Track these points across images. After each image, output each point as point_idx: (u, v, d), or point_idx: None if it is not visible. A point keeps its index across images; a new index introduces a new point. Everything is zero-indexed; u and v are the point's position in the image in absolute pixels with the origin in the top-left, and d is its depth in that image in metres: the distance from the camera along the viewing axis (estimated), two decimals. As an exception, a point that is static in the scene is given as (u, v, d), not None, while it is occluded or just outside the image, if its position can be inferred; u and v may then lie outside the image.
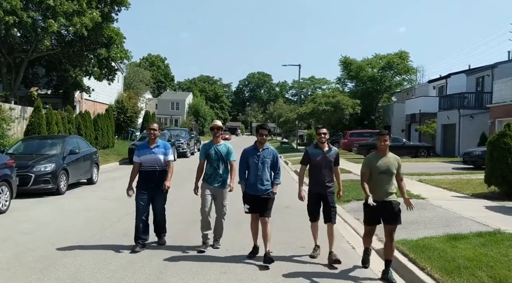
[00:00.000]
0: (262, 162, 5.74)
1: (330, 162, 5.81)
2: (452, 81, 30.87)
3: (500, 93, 21.34)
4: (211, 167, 6.21)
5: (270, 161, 5.81)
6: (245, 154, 5.85)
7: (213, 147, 6.22)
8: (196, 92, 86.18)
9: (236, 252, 6.11)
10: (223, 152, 6.21)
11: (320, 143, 5.84)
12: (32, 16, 18.84)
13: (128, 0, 22.82)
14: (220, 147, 6.24)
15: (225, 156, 6.22)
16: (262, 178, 5.72)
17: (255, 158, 5.74)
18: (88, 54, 23.64)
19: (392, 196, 5.19)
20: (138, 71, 51.90)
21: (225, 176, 6.25)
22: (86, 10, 20.24)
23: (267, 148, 5.84)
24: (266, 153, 5.81)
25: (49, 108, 19.28)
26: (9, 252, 6.02)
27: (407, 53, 41.15)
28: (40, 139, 13.85)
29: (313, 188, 5.86)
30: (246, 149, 5.89)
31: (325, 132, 5.84)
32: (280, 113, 67.38)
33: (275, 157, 5.91)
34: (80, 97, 29.27)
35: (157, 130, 6.37)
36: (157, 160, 6.35)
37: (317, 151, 5.84)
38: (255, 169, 5.73)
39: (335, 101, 34.23)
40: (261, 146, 5.81)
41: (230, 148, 6.31)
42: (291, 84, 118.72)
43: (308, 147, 5.82)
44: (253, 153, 5.79)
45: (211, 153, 6.19)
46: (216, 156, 6.17)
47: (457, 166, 18.42)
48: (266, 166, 5.76)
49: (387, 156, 5.24)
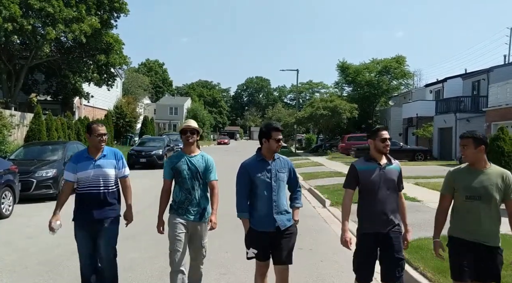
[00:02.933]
0: (276, 179, 3.83)
1: (391, 181, 3.74)
2: (449, 85, 31.14)
3: (496, 97, 21.58)
4: (181, 191, 4.20)
5: (286, 176, 3.91)
6: (248, 171, 3.85)
7: (184, 159, 4.21)
8: (194, 97, 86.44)
9: (235, 253, 6.23)
10: (199, 166, 4.21)
11: (376, 153, 3.77)
12: (32, 23, 19.06)
13: (127, 7, 23.07)
14: (195, 160, 4.23)
15: (203, 173, 4.23)
16: (278, 203, 3.81)
17: (265, 174, 3.81)
18: (87, 60, 23.87)
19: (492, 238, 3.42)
20: (136, 76, 52.13)
21: (204, 203, 4.27)
22: (85, 17, 20.46)
23: (278, 157, 3.95)
24: (280, 165, 3.90)
25: (49, 114, 19.45)
26: (14, 255, 6.17)
27: (404, 57, 41.47)
28: (41, 145, 14.01)
29: (366, 225, 3.73)
30: (247, 163, 3.92)
31: (390, 137, 3.82)
32: (279, 118, 67.54)
33: (291, 168, 4.00)
34: (79, 103, 29.45)
35: (106, 135, 4.29)
36: (105, 177, 4.20)
37: (370, 165, 3.75)
38: (268, 191, 3.80)
39: (333, 106, 34.48)
40: (271, 156, 3.89)
41: (209, 161, 4.33)
42: (289, 89, 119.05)
43: (355, 161, 3.89)
44: (261, 168, 3.84)
45: (181, 169, 4.16)
46: (189, 174, 4.17)
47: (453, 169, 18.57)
48: (282, 184, 3.86)
49: (487, 171, 3.48)
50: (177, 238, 4.10)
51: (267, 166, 3.84)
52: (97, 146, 4.22)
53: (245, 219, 3.88)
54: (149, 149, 20.82)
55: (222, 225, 8.02)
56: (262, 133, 3.89)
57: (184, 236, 4.14)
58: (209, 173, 4.27)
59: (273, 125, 3.89)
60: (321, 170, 19.32)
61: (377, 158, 3.76)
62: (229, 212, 8.60)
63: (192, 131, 4.23)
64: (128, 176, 4.43)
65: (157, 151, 20.63)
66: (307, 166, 22.12)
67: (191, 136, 4.22)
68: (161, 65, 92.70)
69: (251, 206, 3.88)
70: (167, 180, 4.26)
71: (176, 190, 4.24)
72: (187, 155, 4.25)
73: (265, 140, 3.85)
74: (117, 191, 4.34)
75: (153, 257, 6.03)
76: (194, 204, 4.19)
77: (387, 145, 3.74)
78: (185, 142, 4.26)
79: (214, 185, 4.28)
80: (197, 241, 4.26)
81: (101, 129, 4.22)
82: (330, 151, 34.95)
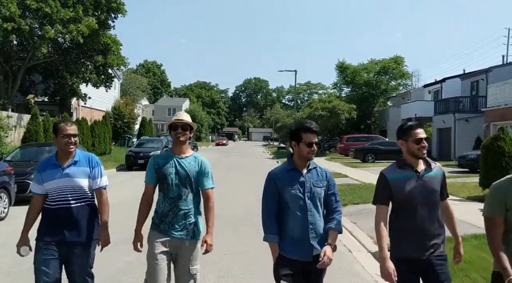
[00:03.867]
0: (311, 195, 2.99)
1: (433, 193, 2.99)
2: (447, 86, 31.13)
3: (495, 97, 21.55)
4: (165, 200, 3.34)
5: (324, 191, 3.06)
6: (275, 182, 3.04)
7: (172, 161, 3.36)
8: (193, 98, 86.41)
9: (234, 255, 6.15)
10: (190, 171, 3.36)
11: (411, 157, 3.03)
12: (30, 24, 18.96)
13: (125, 8, 22.98)
14: (186, 162, 3.37)
15: (195, 179, 3.38)
16: (316, 226, 2.99)
17: (297, 188, 2.98)
18: (85, 61, 23.78)
19: None
20: (134, 77, 52.03)
21: (194, 217, 3.39)
22: (82, 18, 20.38)
23: (315, 167, 3.10)
24: (316, 178, 3.05)
25: (46, 115, 19.35)
26: (9, 258, 6.06)
27: (402, 58, 41.56)
28: (38, 146, 13.91)
29: (401, 249, 2.98)
30: (275, 172, 3.10)
31: (427, 137, 3.14)
32: (277, 118, 67.50)
33: (331, 182, 3.12)
34: (77, 104, 29.34)
35: (77, 136, 3.41)
36: (75, 188, 3.38)
37: (404, 173, 3.00)
38: (301, 210, 2.98)
39: (331, 106, 34.43)
40: (304, 165, 3.05)
41: (204, 164, 3.45)
42: (287, 90, 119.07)
43: (385, 169, 3.11)
44: (292, 179, 3.01)
45: (167, 172, 3.33)
46: (176, 179, 3.32)
47: (452, 169, 18.54)
48: (318, 202, 3.03)
49: None
50: (157, 266, 3.23)
51: (300, 178, 3.00)
52: (64, 150, 3.39)
53: (274, 243, 3.01)
54: (147, 150, 20.72)
55: (220, 225, 7.97)
56: (290, 134, 3.10)
57: (166, 261, 3.28)
58: (203, 179, 3.40)
59: (304, 124, 3.01)
60: (320, 171, 19.20)
61: (412, 164, 3.00)
62: (227, 212, 8.55)
63: (184, 126, 3.37)
64: (105, 188, 3.53)
65: (155, 152, 20.47)
66: (306, 167, 21.99)
67: (182, 133, 3.35)
68: (159, 66, 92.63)
69: (282, 226, 3.01)
70: (150, 185, 3.40)
71: (160, 199, 3.37)
72: (176, 156, 3.38)
73: (294, 144, 3.03)
74: (95, 206, 3.53)
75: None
76: (181, 217, 3.29)
77: (423, 147, 2.98)
78: (174, 140, 3.38)
79: (209, 195, 3.42)
80: (183, 266, 3.32)
81: (70, 129, 3.37)
82: (329, 152, 34.89)
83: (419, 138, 3.00)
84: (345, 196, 11.07)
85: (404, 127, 3.09)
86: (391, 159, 24.57)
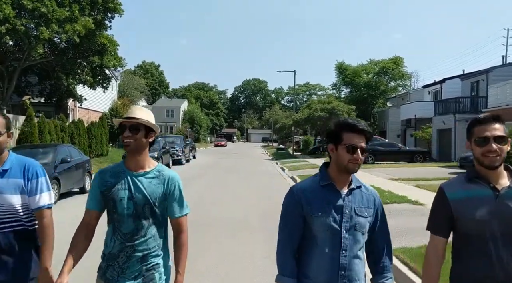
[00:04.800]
0: (351, 226, 2.08)
1: None
2: (447, 86, 30.96)
3: (496, 97, 21.36)
4: (115, 237, 2.31)
5: (370, 222, 2.14)
6: (300, 202, 2.10)
7: (125, 180, 2.30)
8: (191, 99, 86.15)
9: (232, 263, 5.90)
10: (152, 193, 2.31)
11: (482, 168, 2.00)
12: (25, 24, 18.71)
13: (122, 7, 22.74)
14: (146, 181, 2.32)
15: (159, 204, 2.33)
16: (350, 272, 2.07)
17: (332, 215, 2.06)
18: (82, 62, 23.51)
19: None
20: (132, 78, 51.82)
21: (158, 260, 2.35)
22: (78, 17, 20.12)
23: (360, 186, 2.16)
24: (360, 202, 2.12)
25: (42, 117, 19.08)
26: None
27: (401, 58, 41.43)
28: (32, 148, 13.64)
29: None
30: (301, 188, 2.15)
31: (502, 135, 1.98)
32: (276, 120, 67.34)
33: (380, 210, 2.20)
34: (74, 105, 29.08)
35: (4, 134, 2.45)
36: (1, 208, 2.39)
37: (476, 190, 2.01)
38: (333, 246, 2.06)
39: (330, 107, 34.24)
40: (344, 180, 2.12)
41: (172, 182, 2.39)
42: (286, 91, 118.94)
43: (446, 183, 2.15)
44: (325, 201, 2.08)
45: (117, 196, 2.28)
46: (132, 207, 2.28)
47: (454, 171, 18.33)
48: (359, 238, 2.10)
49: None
50: None
51: (337, 200, 2.05)
52: None
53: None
54: (144, 152, 20.44)
55: (218, 229, 7.76)
56: (328, 135, 2.16)
57: None
58: (171, 204, 2.34)
59: (349, 121, 2.10)
60: (320, 172, 18.98)
61: (488, 177, 1.98)
62: (225, 214, 8.27)
63: (134, 126, 2.23)
64: (48, 208, 2.50)
65: (152, 154, 20.18)
66: (305, 168, 21.80)
67: (131, 137, 2.22)
68: (157, 67, 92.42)
69: (303, 268, 2.09)
70: (92, 212, 2.31)
71: (108, 234, 2.32)
72: (131, 172, 2.29)
73: (332, 147, 2.10)
74: (33, 232, 2.50)
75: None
76: (136, 260, 2.25)
77: (492, 151, 1.94)
78: (125, 148, 2.29)
79: (181, 225, 2.37)
80: None
81: None
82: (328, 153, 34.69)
83: (483, 137, 1.96)
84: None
85: (470, 122, 2.08)
86: (390, 160, 24.43)
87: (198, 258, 6.01)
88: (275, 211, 7.94)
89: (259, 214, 9.53)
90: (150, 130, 2.31)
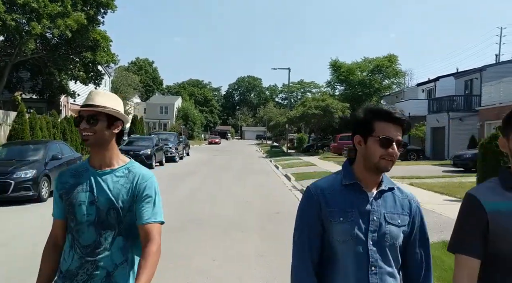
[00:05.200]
0: (380, 237, 1.62)
1: None
2: (441, 84, 31.01)
3: (489, 95, 21.41)
4: (74, 250, 1.87)
5: (404, 232, 1.68)
6: (319, 204, 1.66)
7: (88, 180, 1.89)
8: (185, 96, 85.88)
9: (223, 261, 5.80)
10: (117, 196, 1.85)
11: None
12: (16, 19, 18.46)
13: (114, 3, 22.53)
14: (111, 180, 1.88)
15: (126, 207, 1.86)
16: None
17: (356, 221, 1.63)
18: (74, 58, 23.30)
19: None
20: (126, 75, 51.48)
21: (126, 277, 1.87)
22: (71, 12, 19.90)
23: (392, 188, 1.72)
24: (393, 207, 1.68)
25: (33, 113, 18.87)
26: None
27: (396, 56, 41.43)
28: (22, 144, 13.48)
29: None
30: (320, 187, 1.70)
31: None
32: (270, 117, 67.30)
33: (417, 217, 1.72)
34: (66, 101, 28.83)
35: None
36: None
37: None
38: (357, 261, 1.61)
39: (325, 105, 34.23)
40: (373, 180, 1.69)
41: (143, 179, 1.90)
42: (281, 88, 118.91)
43: (476, 188, 1.65)
44: (348, 204, 1.65)
45: (75, 200, 1.87)
46: (93, 213, 1.85)
47: (447, 169, 18.36)
48: (391, 251, 1.65)
49: None
50: None
51: (363, 204, 1.65)
52: None
53: None
54: (137, 149, 20.29)
55: (210, 228, 7.66)
56: (355, 124, 1.73)
57: None
58: (142, 207, 1.85)
59: (383, 107, 1.69)
60: (314, 170, 18.95)
61: None
62: (217, 212, 8.15)
63: (92, 115, 1.85)
64: None
65: (145, 151, 20.11)
66: (299, 166, 21.75)
67: (89, 129, 1.84)
68: (151, 64, 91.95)
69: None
70: (58, 222, 1.99)
71: (66, 247, 1.94)
72: (94, 170, 1.91)
73: (359, 140, 1.69)
74: None
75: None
76: (100, 280, 1.84)
77: None
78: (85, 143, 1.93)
79: (150, 233, 1.83)
80: None
81: None
82: (322, 151, 34.66)
83: None
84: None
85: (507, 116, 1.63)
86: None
87: (190, 257, 5.92)
88: (269, 208, 7.84)
89: (253, 212, 9.46)
90: (116, 119, 1.91)
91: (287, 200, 11.35)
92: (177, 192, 12.37)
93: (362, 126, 1.68)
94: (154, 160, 20.07)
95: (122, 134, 2.00)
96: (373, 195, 1.67)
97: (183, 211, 9.39)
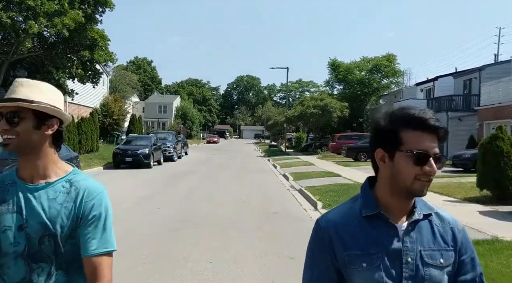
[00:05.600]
0: (413, 276, 1.20)
1: None
2: (440, 84, 30.97)
3: (488, 95, 21.35)
4: None
5: (449, 273, 1.25)
6: (332, 244, 1.24)
7: (15, 197, 1.39)
8: (184, 95, 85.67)
9: (220, 265, 5.71)
10: (57, 217, 1.37)
11: None
12: (12, 17, 18.31)
13: (112, 1, 22.37)
14: (46, 197, 1.39)
15: (68, 233, 1.38)
16: None
17: (384, 264, 1.20)
18: (72, 56, 23.15)
19: None
20: (124, 74, 51.31)
21: None
22: (68, 11, 19.74)
23: (428, 215, 1.28)
24: (431, 241, 1.25)
25: (30, 112, 18.73)
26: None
27: (394, 56, 41.41)
28: (19, 143, 13.34)
29: None
30: (332, 221, 1.27)
31: None
32: (269, 116, 67.25)
33: (465, 249, 1.29)
34: (64, 100, 28.69)
35: None
36: None
37: None
38: None
39: (323, 104, 34.16)
40: (402, 208, 1.26)
41: (90, 195, 1.41)
42: (279, 87, 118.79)
43: None
44: (370, 242, 1.22)
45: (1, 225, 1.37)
46: (22, 242, 1.36)
47: (446, 169, 18.28)
48: None
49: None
50: None
51: (390, 240, 1.24)
52: None
53: None
54: (135, 148, 20.19)
55: (206, 228, 7.57)
56: (375, 134, 1.33)
57: None
58: (86, 234, 1.40)
59: (413, 112, 1.24)
60: (312, 169, 18.88)
61: None
62: (214, 212, 8.06)
63: (14, 113, 1.38)
64: None
65: (143, 150, 20.00)
66: (297, 165, 21.67)
67: (9, 131, 1.38)
68: (150, 63, 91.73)
69: None
70: None
71: None
72: (24, 183, 1.43)
73: (382, 155, 1.29)
74: None
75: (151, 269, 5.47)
76: None
77: None
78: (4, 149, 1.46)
79: (98, 269, 1.39)
80: None
81: None
82: (320, 150, 34.59)
83: None
84: (338, 196, 10.72)
85: None
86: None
87: (187, 257, 5.83)
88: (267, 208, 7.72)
89: (251, 211, 9.37)
90: (49, 117, 1.43)
91: (285, 200, 11.27)
92: (175, 191, 12.29)
93: (386, 137, 1.26)
94: (152, 159, 19.98)
95: (61, 136, 1.50)
96: (404, 227, 1.25)
97: (181, 210, 9.31)
